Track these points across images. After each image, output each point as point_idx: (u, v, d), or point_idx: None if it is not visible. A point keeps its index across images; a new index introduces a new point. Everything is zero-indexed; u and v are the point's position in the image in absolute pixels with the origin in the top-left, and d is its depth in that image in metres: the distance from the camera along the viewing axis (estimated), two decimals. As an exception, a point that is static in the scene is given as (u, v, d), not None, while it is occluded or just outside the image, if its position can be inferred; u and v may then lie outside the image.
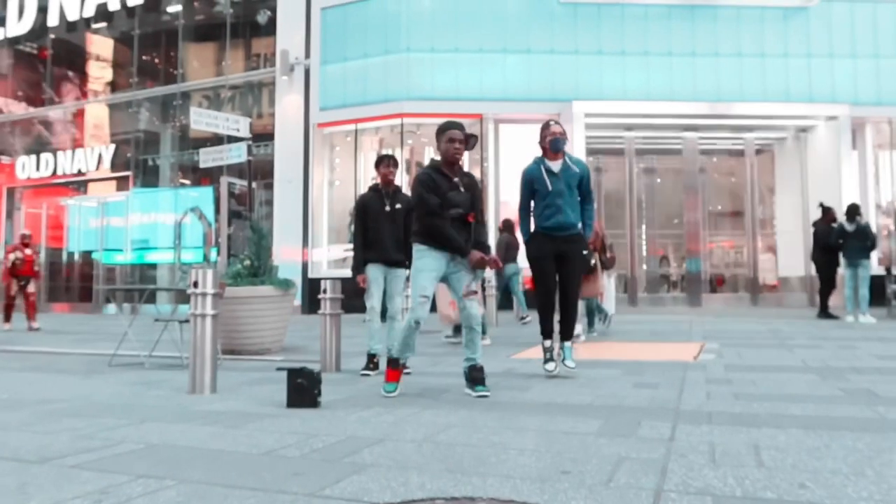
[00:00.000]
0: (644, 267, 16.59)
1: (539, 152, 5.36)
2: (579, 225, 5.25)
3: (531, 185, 5.30)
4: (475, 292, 4.59)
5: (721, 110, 15.17)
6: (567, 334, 5.27)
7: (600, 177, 16.45)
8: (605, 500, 2.29)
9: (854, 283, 10.65)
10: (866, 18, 15.65)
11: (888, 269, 12.32)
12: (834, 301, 11.54)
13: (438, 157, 4.71)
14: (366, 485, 2.51)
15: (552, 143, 5.25)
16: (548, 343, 5.30)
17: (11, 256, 12.31)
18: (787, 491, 2.38)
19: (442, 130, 4.63)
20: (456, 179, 4.60)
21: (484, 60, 15.35)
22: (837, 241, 10.91)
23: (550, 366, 5.21)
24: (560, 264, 5.21)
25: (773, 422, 3.51)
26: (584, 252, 5.30)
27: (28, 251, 12.56)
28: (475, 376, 4.46)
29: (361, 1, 16.07)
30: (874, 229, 12.70)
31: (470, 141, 4.62)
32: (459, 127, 4.62)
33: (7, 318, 12.32)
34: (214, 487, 2.50)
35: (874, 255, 11.20)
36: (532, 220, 5.37)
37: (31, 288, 12.47)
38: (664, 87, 15.15)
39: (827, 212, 11.53)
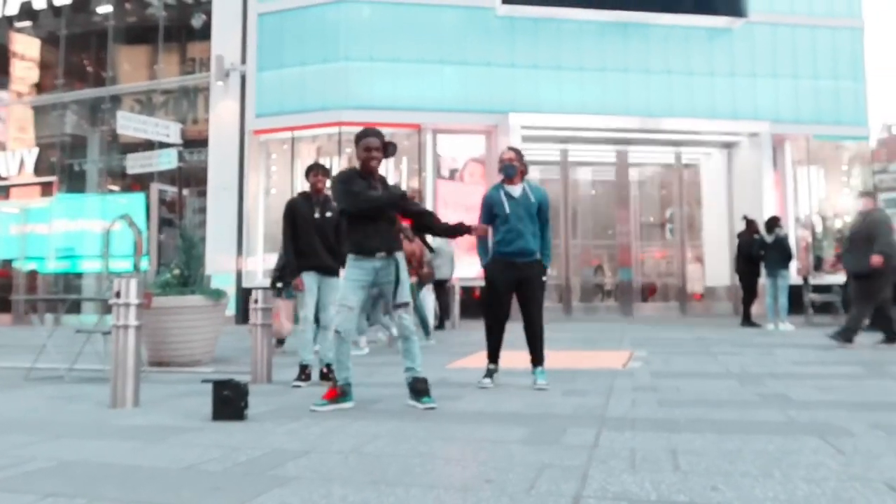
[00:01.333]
0: (578, 276, 16.91)
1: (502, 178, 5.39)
2: (538, 251, 5.27)
3: (490, 210, 5.31)
4: (406, 303, 4.58)
5: (651, 125, 15.66)
6: (537, 360, 5.23)
7: (537, 188, 16.70)
8: (525, 508, 2.33)
9: (774, 292, 11.12)
10: (785, 40, 16.49)
11: (805, 279, 12.94)
12: (756, 309, 12.02)
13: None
14: (287, 499, 2.48)
15: (504, 170, 5.31)
16: (492, 366, 5.30)
17: None
18: (699, 493, 2.47)
19: (358, 139, 4.58)
20: (377, 186, 4.58)
21: (422, 71, 15.42)
22: (759, 252, 11.38)
23: (486, 381, 5.21)
24: (520, 291, 5.22)
25: (693, 427, 3.64)
26: (543, 279, 5.27)
27: None
28: (420, 388, 4.43)
29: (299, 8, 15.90)
30: (793, 241, 13.30)
31: (388, 148, 4.56)
32: (376, 135, 4.58)
33: None
34: (128, 505, 2.42)
35: (792, 266, 11.73)
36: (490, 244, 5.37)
37: None
38: (598, 101, 15.56)
39: (750, 224, 12.01)
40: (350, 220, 4.54)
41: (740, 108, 16.03)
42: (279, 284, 8.06)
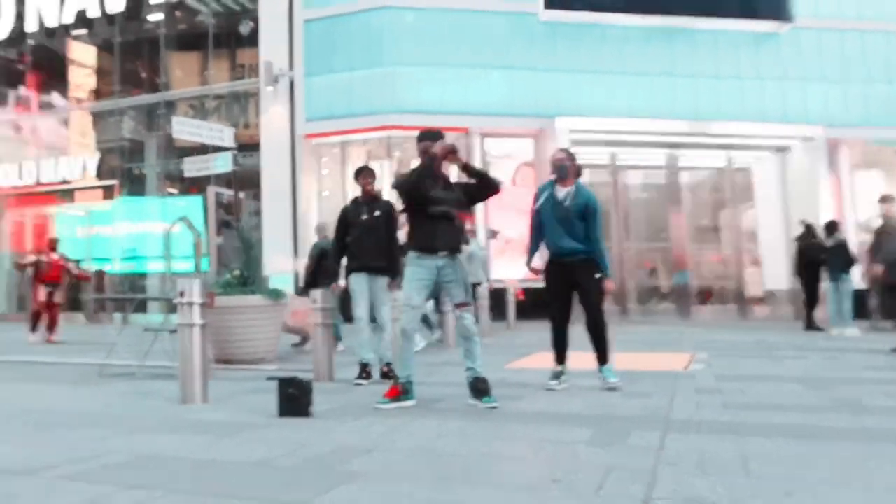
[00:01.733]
0: (634, 279, 16.67)
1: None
2: (587, 251, 5.19)
3: (539, 209, 5.35)
4: (468, 304, 4.60)
5: (700, 128, 15.40)
6: (602, 359, 5.19)
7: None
8: (596, 508, 2.31)
9: (837, 297, 10.76)
10: (833, 45, 16.10)
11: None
12: (819, 314, 11.65)
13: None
14: (355, 494, 2.51)
15: (556, 171, 5.31)
16: (559, 368, 5.23)
17: (32, 258, 11.40)
18: (774, 499, 2.41)
19: (418, 141, 4.73)
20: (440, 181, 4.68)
21: (468, 75, 15.45)
22: (819, 256, 11.05)
23: (553, 382, 5.13)
24: (577, 291, 5.19)
25: (761, 431, 3.55)
26: (597, 275, 5.19)
27: (55, 255, 11.52)
28: (481, 388, 4.44)
29: (344, 15, 16.10)
30: (854, 246, 12.84)
31: (435, 136, 4.66)
32: (432, 137, 4.65)
33: (33, 328, 11.22)
34: (204, 497, 2.49)
35: (855, 271, 11.33)
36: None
37: (58, 298, 11.45)
38: (645, 105, 15.34)
39: (809, 228, 11.69)
40: (414, 219, 4.63)
41: (791, 111, 15.68)
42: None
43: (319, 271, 8.88)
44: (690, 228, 16.75)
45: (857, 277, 11.80)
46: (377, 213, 5.88)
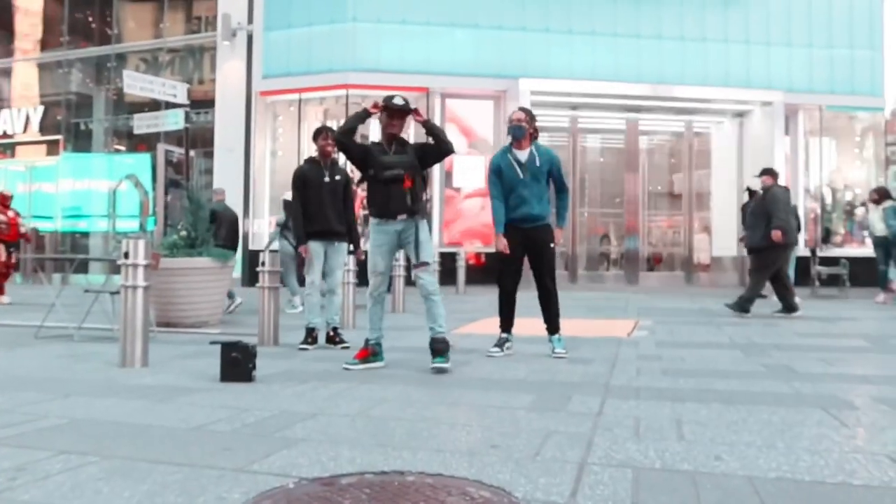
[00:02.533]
0: (585, 245, 16.87)
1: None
2: (547, 216, 5.15)
3: (499, 174, 5.16)
4: (427, 264, 4.61)
5: (662, 92, 15.45)
6: (552, 328, 5.17)
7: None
8: (530, 473, 2.35)
9: (780, 263, 11.04)
10: (801, 7, 16.19)
11: (813, 251, 12.86)
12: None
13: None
14: (295, 459, 2.51)
15: (512, 131, 5.15)
16: (504, 335, 5.22)
17: None
18: (703, 463, 2.49)
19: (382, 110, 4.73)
20: (393, 146, 4.68)
21: (431, 33, 15.19)
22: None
23: (495, 350, 5.13)
24: (531, 258, 5.13)
25: (697, 396, 3.66)
26: (551, 244, 5.15)
27: (10, 213, 10.64)
28: (436, 347, 4.47)
29: (307, -34, 15.63)
30: (802, 212, 13.17)
31: (398, 106, 4.66)
32: (396, 106, 4.67)
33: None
34: (139, 463, 2.46)
35: (800, 237, 11.64)
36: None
37: (13, 258, 10.71)
38: (609, 67, 15.34)
39: (753, 194, 11.89)
40: (369, 185, 4.64)
41: (754, 76, 15.79)
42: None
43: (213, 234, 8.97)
44: (645, 194, 16.94)
45: (801, 244, 12.16)
46: (337, 177, 5.79)
